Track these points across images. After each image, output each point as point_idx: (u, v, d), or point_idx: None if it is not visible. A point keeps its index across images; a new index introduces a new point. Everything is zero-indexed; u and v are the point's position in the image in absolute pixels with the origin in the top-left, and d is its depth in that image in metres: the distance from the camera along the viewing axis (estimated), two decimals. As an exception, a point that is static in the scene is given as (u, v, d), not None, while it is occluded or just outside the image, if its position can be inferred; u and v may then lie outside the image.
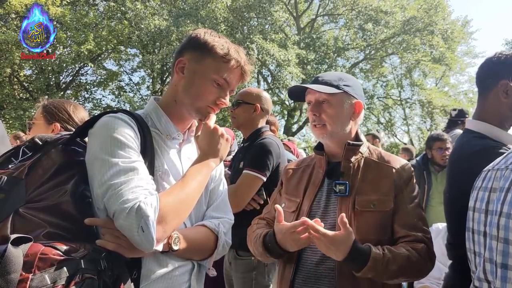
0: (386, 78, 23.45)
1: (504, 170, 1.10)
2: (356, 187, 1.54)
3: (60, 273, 0.92)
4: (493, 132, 1.56)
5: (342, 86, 1.57)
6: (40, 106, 2.11)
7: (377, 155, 1.64)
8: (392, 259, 1.39)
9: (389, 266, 1.37)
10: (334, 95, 1.56)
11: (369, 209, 1.49)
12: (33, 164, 1.12)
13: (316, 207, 1.58)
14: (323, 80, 1.60)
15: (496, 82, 1.54)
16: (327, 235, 1.35)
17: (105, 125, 1.17)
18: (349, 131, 1.62)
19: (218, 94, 1.33)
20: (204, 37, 1.33)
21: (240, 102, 2.60)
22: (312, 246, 1.51)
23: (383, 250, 1.41)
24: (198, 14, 16.14)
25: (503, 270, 0.98)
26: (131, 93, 20.09)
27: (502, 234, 0.99)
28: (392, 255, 1.40)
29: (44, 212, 1.05)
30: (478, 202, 1.18)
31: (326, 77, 1.61)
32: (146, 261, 1.19)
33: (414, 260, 1.41)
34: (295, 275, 1.54)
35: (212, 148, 1.34)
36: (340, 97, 1.57)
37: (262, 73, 20.22)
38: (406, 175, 1.57)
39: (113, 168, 1.08)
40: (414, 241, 1.47)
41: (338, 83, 1.57)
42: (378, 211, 1.49)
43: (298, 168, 1.77)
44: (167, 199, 1.13)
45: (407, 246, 1.45)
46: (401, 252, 1.42)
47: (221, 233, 1.37)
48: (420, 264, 1.43)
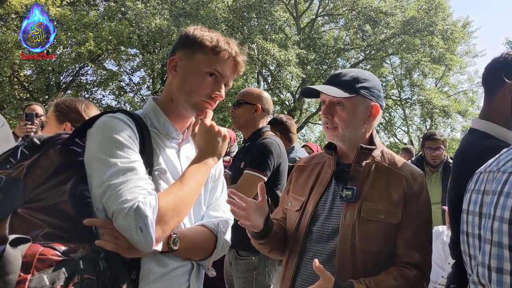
0: (386, 78, 23.48)
1: (496, 173, 1.09)
2: (364, 193, 1.48)
3: (58, 273, 0.92)
4: (499, 132, 1.55)
5: (359, 89, 1.50)
6: (52, 104, 2.10)
7: (389, 160, 1.56)
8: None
9: None
10: (349, 98, 1.48)
11: (375, 219, 1.44)
12: (31, 164, 1.12)
13: (321, 209, 1.54)
14: (339, 80, 1.52)
15: (503, 82, 1.54)
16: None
17: (104, 125, 1.17)
18: (362, 134, 1.56)
19: (212, 87, 1.31)
20: (193, 33, 1.33)
21: (241, 102, 2.60)
22: (313, 249, 1.50)
23: (368, 284, 1.37)
24: (198, 14, 16.16)
25: (498, 275, 0.97)
26: (131, 93, 20.12)
27: (496, 238, 0.99)
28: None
29: (43, 213, 1.04)
30: (471, 204, 1.18)
31: (343, 77, 1.53)
32: (145, 261, 1.18)
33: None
34: (295, 276, 1.53)
35: (210, 146, 1.33)
36: (355, 100, 1.50)
37: (262, 73, 20.22)
38: (417, 185, 1.50)
39: (111, 168, 1.08)
40: (409, 264, 1.43)
41: (355, 85, 1.50)
42: (384, 223, 1.44)
43: (308, 165, 1.72)
44: (166, 198, 1.13)
45: (397, 273, 1.41)
46: (388, 284, 1.38)
47: (221, 233, 1.36)
48: None
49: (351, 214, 1.46)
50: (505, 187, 1.00)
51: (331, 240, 1.47)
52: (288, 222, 1.66)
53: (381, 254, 1.43)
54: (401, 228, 1.45)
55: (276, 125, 3.35)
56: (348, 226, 1.45)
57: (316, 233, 1.52)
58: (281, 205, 1.77)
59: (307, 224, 1.53)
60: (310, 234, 1.53)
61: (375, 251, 1.43)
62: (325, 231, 1.50)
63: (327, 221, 1.51)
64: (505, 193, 0.99)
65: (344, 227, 1.45)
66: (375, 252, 1.42)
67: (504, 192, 1.00)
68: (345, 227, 1.45)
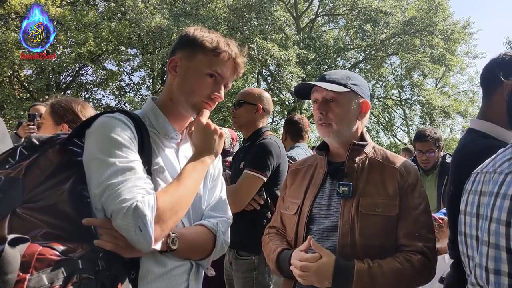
0: (386, 78, 23.49)
1: (493, 174, 1.09)
2: (360, 188, 1.51)
3: (57, 273, 0.92)
4: (497, 132, 1.56)
5: (350, 85, 1.55)
6: (48, 105, 2.10)
7: (382, 155, 1.61)
8: (381, 272, 1.37)
9: (377, 280, 1.36)
10: (341, 94, 1.53)
11: (373, 212, 1.46)
12: (30, 164, 1.11)
13: (318, 208, 1.56)
14: (330, 78, 1.57)
15: (500, 82, 1.54)
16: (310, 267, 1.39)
17: (102, 125, 1.17)
18: (355, 131, 1.60)
19: (212, 88, 1.32)
20: (193, 33, 1.33)
21: (242, 102, 2.60)
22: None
23: (371, 263, 1.39)
24: (198, 14, 16.16)
25: (496, 276, 0.97)
26: (131, 93, 20.12)
27: (493, 239, 0.98)
28: (380, 269, 1.38)
29: (42, 212, 1.04)
30: (469, 205, 1.18)
31: (334, 75, 1.58)
32: (144, 261, 1.19)
33: (406, 273, 1.40)
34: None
35: (206, 144, 1.33)
36: (348, 96, 1.55)
37: (262, 73, 20.23)
38: (411, 178, 1.54)
39: (110, 168, 1.08)
40: (412, 251, 1.44)
41: (346, 82, 1.55)
42: (382, 215, 1.46)
43: (301, 168, 1.75)
44: (164, 198, 1.13)
45: (402, 258, 1.42)
46: (391, 266, 1.39)
47: (220, 232, 1.36)
48: (412, 277, 1.42)
49: (349, 210, 1.48)
50: (501, 188, 1.00)
51: (331, 237, 1.49)
52: (287, 226, 1.67)
53: (381, 248, 1.45)
54: (401, 221, 1.48)
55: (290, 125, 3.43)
56: (347, 221, 1.46)
57: (316, 232, 1.53)
58: (278, 211, 1.78)
59: (305, 224, 1.55)
60: (309, 234, 1.54)
61: (375, 245, 1.44)
62: (324, 229, 1.51)
63: (326, 219, 1.52)
64: (502, 194, 0.99)
65: (343, 223, 1.47)
66: (375, 246, 1.44)
67: (501, 194, 1.00)
68: (344, 223, 1.47)
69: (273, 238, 1.70)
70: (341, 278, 1.36)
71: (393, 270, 1.39)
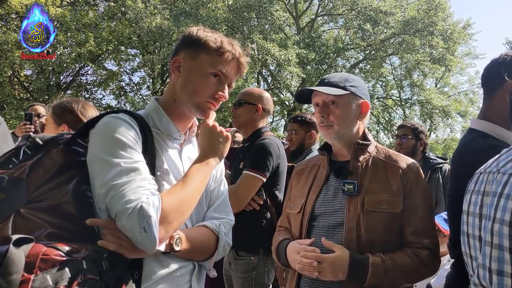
0: (386, 78, 23.48)
1: (496, 174, 1.09)
2: (365, 186, 1.56)
3: (62, 274, 0.92)
4: (498, 132, 1.56)
5: (349, 87, 1.59)
6: (51, 106, 2.11)
7: (384, 154, 1.65)
8: (393, 265, 1.44)
9: (390, 273, 1.43)
10: (341, 96, 1.58)
11: (378, 209, 1.51)
12: (34, 164, 1.11)
13: (322, 206, 1.60)
14: (329, 82, 1.62)
15: (502, 82, 1.55)
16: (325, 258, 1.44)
17: (106, 125, 1.17)
18: (356, 131, 1.65)
19: (216, 88, 1.32)
20: (196, 33, 1.33)
21: (242, 102, 2.60)
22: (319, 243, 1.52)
23: (383, 257, 1.45)
24: (198, 14, 16.16)
25: (499, 277, 0.97)
26: (131, 93, 20.10)
27: (496, 240, 0.98)
28: (392, 262, 1.45)
29: (45, 213, 1.04)
30: (471, 205, 1.18)
31: (332, 78, 1.63)
32: (147, 261, 1.18)
33: (415, 266, 1.48)
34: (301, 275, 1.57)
35: (212, 146, 1.34)
36: (347, 98, 1.59)
37: (262, 73, 20.22)
38: (413, 176, 1.58)
39: (114, 169, 1.08)
40: (420, 248, 1.51)
41: (345, 84, 1.60)
42: (387, 212, 1.51)
43: (306, 168, 1.80)
44: (169, 199, 1.13)
45: (411, 253, 1.50)
46: (402, 259, 1.47)
47: (222, 233, 1.36)
48: (421, 270, 1.51)
49: (354, 207, 1.52)
50: (505, 189, 1.00)
51: (337, 233, 1.53)
52: (292, 225, 1.72)
53: (385, 243, 1.50)
54: (407, 219, 1.53)
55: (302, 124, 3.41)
56: (352, 218, 1.51)
57: (321, 228, 1.57)
58: (284, 211, 1.83)
59: (307, 221, 1.60)
60: (312, 230, 1.59)
61: (378, 240, 1.49)
62: (330, 226, 1.55)
63: (331, 216, 1.56)
64: (506, 195, 0.99)
65: (349, 220, 1.51)
66: (378, 241, 1.49)
67: (505, 194, 1.00)
68: (350, 220, 1.51)
69: (280, 233, 1.77)
70: (357, 270, 1.42)
71: (404, 263, 1.46)
